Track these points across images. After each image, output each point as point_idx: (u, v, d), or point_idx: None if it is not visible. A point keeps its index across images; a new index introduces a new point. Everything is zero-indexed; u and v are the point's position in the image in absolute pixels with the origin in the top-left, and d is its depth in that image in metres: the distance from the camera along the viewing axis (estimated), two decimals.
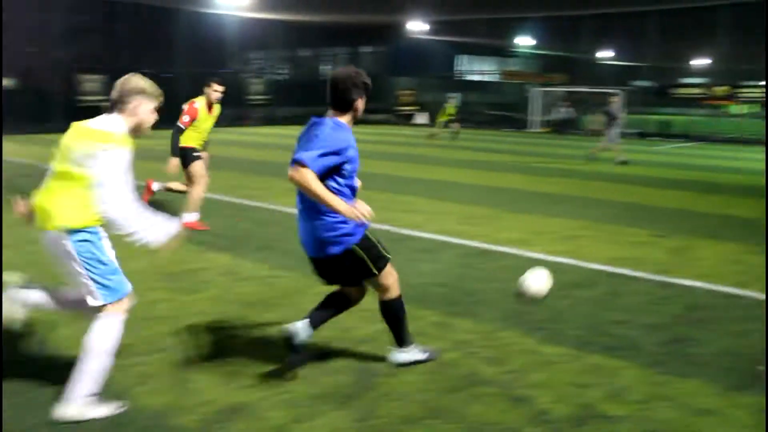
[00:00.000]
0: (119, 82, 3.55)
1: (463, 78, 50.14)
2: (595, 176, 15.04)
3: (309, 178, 3.56)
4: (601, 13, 32.53)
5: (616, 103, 18.32)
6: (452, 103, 26.49)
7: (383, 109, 42.55)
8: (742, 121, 30.19)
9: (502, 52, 48.68)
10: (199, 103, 8.07)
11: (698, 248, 7.86)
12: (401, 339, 4.24)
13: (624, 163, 17.73)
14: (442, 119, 26.18)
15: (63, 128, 3.72)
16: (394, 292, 4.11)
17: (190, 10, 33.09)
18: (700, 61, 41.32)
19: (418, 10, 36.52)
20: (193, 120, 8.00)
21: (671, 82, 34.34)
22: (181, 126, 7.96)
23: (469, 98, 40.99)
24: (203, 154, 8.36)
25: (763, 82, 30.06)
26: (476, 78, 52.00)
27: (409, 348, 4.27)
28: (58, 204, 3.41)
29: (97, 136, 3.41)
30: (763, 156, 18.16)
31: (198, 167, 8.25)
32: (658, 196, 12.06)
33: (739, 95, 29.27)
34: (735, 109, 34.12)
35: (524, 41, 45.89)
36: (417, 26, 40.51)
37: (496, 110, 42.58)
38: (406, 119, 41.07)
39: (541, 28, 40.52)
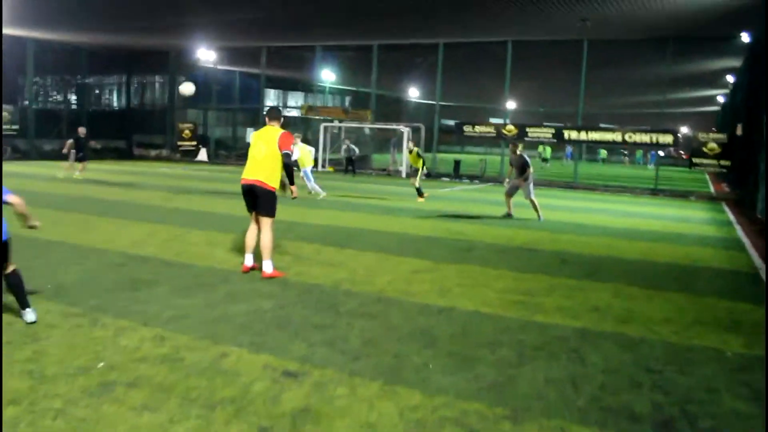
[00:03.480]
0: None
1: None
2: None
3: None
4: (406, 45, 29.95)
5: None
6: None
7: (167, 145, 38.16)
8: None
9: (309, 86, 46.01)
10: None
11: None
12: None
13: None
14: None
15: None
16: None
17: None
18: (510, 102, 40.52)
19: (210, 38, 32.10)
20: None
21: (469, 120, 32.35)
22: None
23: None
24: None
25: (554, 124, 28.72)
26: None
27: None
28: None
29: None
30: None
31: None
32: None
33: (529, 135, 27.49)
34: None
35: (330, 76, 43.24)
36: (210, 55, 35.82)
37: None
38: (188, 156, 36.58)
39: (347, 62, 37.71)
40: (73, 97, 39.34)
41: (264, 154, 7.68)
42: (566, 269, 9.08)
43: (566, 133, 26.74)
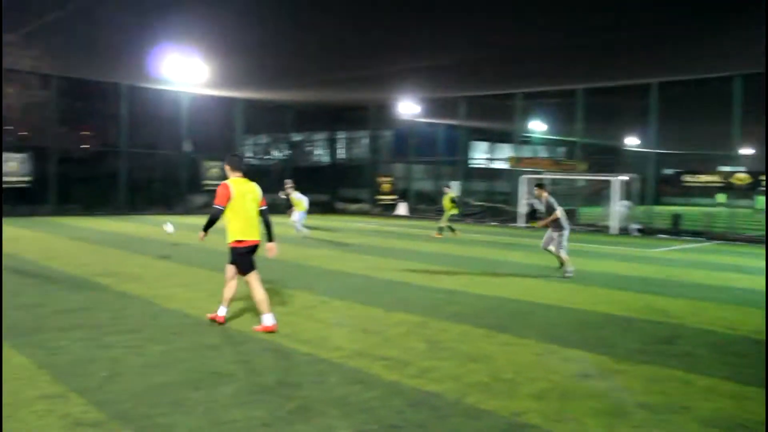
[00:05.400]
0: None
1: (470, 165, 44.95)
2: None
3: None
4: (614, 87, 27.14)
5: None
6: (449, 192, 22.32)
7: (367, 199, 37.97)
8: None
9: (518, 137, 44.31)
10: None
11: None
12: None
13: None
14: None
15: None
16: None
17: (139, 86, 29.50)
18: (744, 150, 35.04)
19: (410, 90, 31.55)
20: None
21: (693, 169, 28.57)
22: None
23: (469, 187, 36.15)
24: None
25: None
26: (479, 165, 47.19)
27: None
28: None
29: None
30: None
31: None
32: None
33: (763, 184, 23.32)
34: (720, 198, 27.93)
35: (540, 126, 41.20)
36: (411, 108, 35.24)
37: (494, 201, 37.43)
38: (388, 210, 36.08)
39: (556, 111, 35.51)
40: (278, 154, 40.68)
41: (255, 211, 7.42)
42: None
43: None
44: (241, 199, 7.23)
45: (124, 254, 14.46)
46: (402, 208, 35.73)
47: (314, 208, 35.81)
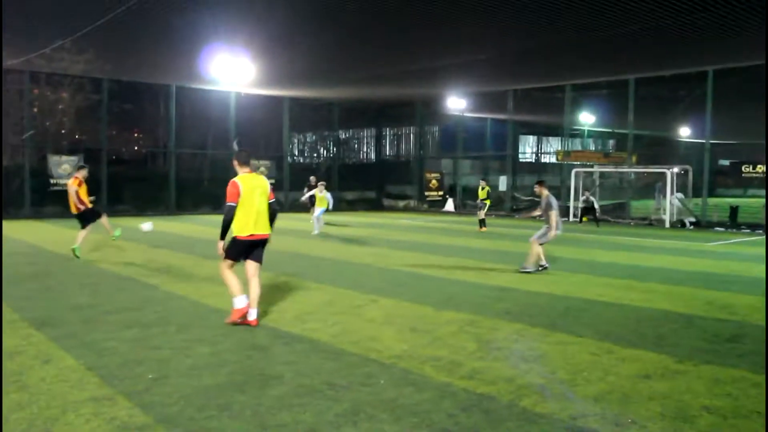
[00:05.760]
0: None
1: (518, 159, 44.34)
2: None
3: None
4: (668, 76, 26.39)
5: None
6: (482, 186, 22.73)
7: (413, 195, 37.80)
8: None
9: (568, 130, 43.62)
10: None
11: None
12: None
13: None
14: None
15: None
16: None
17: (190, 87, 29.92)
18: None
19: (455, 84, 31.16)
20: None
21: (747, 159, 27.65)
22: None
23: (517, 182, 35.72)
24: None
25: None
26: (527, 159, 46.63)
27: None
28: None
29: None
30: None
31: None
32: None
33: None
34: None
35: (588, 119, 40.45)
36: (457, 103, 34.87)
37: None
38: (436, 206, 35.87)
39: (605, 103, 34.74)
40: (325, 151, 40.73)
41: (264, 205, 7.53)
42: None
43: None
44: (250, 194, 7.33)
45: (173, 254, 14.58)
46: (450, 204, 35.46)
47: (362, 206, 36.06)
